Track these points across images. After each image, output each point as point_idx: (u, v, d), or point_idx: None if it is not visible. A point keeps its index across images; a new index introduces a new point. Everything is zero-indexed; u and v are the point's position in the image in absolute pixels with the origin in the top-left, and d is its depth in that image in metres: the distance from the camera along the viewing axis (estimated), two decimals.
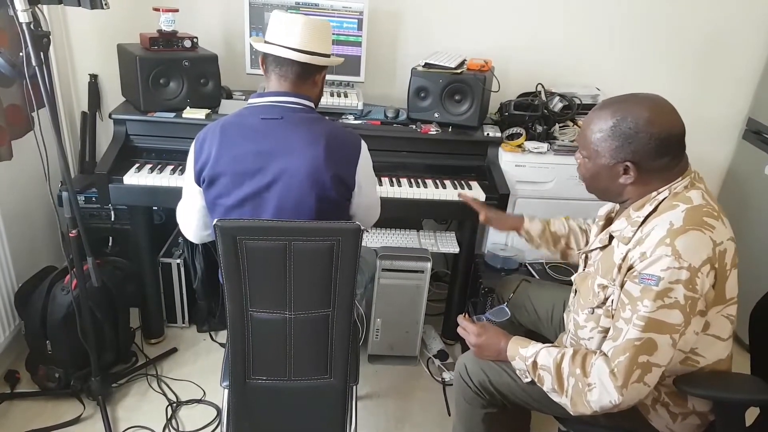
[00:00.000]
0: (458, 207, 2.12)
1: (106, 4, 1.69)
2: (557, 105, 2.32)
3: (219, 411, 2.03)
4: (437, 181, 2.17)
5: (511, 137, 2.26)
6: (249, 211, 1.41)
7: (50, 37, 1.60)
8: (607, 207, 1.52)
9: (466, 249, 2.31)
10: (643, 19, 2.52)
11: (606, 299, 1.31)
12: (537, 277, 2.11)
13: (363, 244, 1.32)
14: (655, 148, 1.23)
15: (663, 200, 1.27)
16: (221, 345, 2.39)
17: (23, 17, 1.49)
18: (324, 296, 1.35)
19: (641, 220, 1.27)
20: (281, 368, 1.44)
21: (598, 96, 2.44)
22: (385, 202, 1.68)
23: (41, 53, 1.55)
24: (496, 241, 2.32)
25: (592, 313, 1.35)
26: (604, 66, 2.59)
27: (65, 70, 2.43)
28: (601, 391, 1.21)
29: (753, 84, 2.65)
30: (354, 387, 1.60)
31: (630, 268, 1.24)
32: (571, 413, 1.28)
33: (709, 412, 1.35)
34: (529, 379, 1.37)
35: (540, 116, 2.28)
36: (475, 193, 2.12)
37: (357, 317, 1.69)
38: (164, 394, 2.10)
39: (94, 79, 2.44)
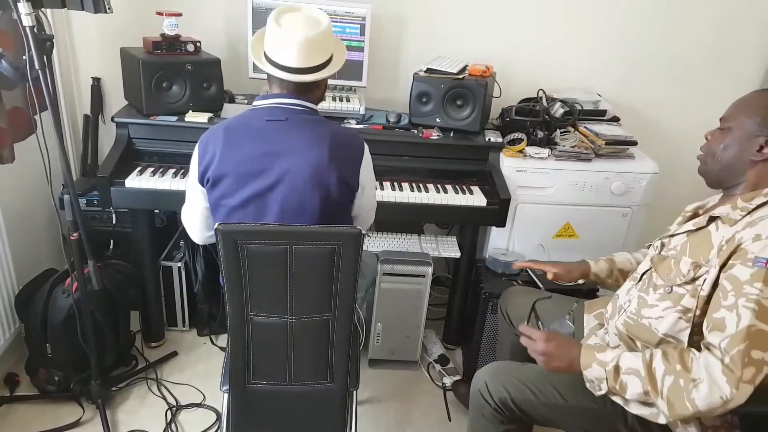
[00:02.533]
0: (459, 211, 2.12)
1: (109, 8, 1.69)
2: (558, 111, 2.32)
3: (219, 415, 2.03)
4: (439, 186, 2.17)
5: (513, 142, 2.26)
6: (252, 212, 1.41)
7: (53, 40, 1.60)
8: (695, 204, 1.48)
9: (468, 254, 2.31)
10: (645, 25, 2.53)
11: (696, 278, 1.26)
12: (538, 282, 2.09)
13: (364, 248, 1.32)
14: None
15: None
16: (221, 349, 2.39)
17: (27, 21, 1.49)
18: (325, 300, 1.35)
19: (752, 207, 1.24)
20: (281, 372, 1.43)
21: (599, 102, 2.45)
22: (387, 207, 1.69)
23: (44, 56, 1.55)
24: (498, 246, 2.32)
25: (670, 292, 1.30)
26: (605, 72, 2.59)
27: (68, 73, 2.44)
28: (711, 386, 1.12)
29: (755, 87, 2.65)
30: (354, 392, 1.60)
31: (736, 249, 1.19)
32: (664, 420, 1.21)
33: (735, 426, 1.31)
34: (603, 391, 1.28)
35: (541, 122, 2.28)
36: (477, 198, 2.12)
37: (357, 321, 1.68)
38: (164, 398, 2.10)
39: (96, 82, 2.45)
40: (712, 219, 1.31)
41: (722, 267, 1.21)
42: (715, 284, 1.22)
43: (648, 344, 1.34)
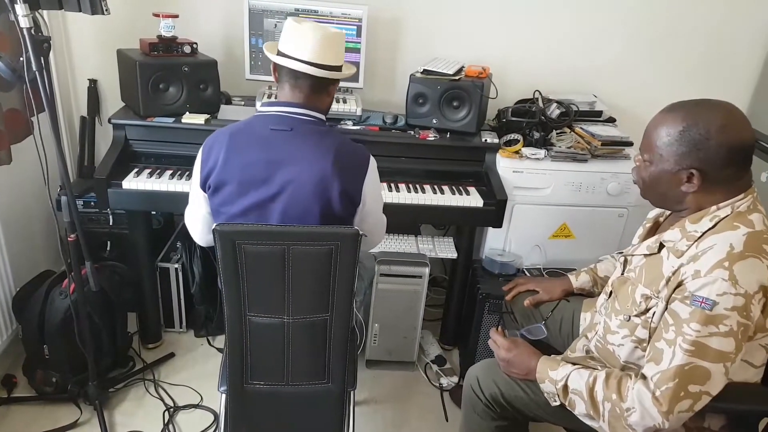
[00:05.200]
0: (456, 212, 2.13)
1: (106, 10, 1.70)
2: (554, 112, 2.33)
3: (216, 416, 2.03)
4: (435, 187, 2.18)
5: (509, 143, 2.27)
6: (253, 221, 1.40)
7: (50, 42, 1.60)
8: (657, 210, 1.47)
9: (464, 254, 2.31)
10: (640, 28, 2.54)
11: (647, 310, 1.28)
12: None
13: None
14: (724, 157, 1.18)
15: (724, 218, 1.22)
16: (219, 350, 2.39)
17: (24, 22, 1.50)
18: (322, 301, 1.36)
19: (698, 234, 1.22)
20: (279, 373, 1.44)
21: (595, 103, 2.46)
22: (384, 208, 1.69)
23: (41, 58, 1.55)
24: (494, 246, 2.33)
25: (628, 321, 1.32)
26: (601, 73, 2.60)
27: (65, 74, 2.44)
28: (642, 415, 1.17)
29: (749, 92, 2.67)
30: (352, 392, 1.60)
31: (680, 284, 1.20)
32: None
33: (721, 429, 1.32)
34: (558, 403, 1.33)
35: (537, 123, 2.29)
36: (473, 198, 2.13)
37: (355, 322, 1.69)
38: (161, 399, 2.10)
39: (93, 84, 2.45)
40: (662, 245, 1.31)
41: (668, 301, 1.23)
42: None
43: (614, 368, 1.36)
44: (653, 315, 1.27)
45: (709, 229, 1.22)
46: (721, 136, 1.18)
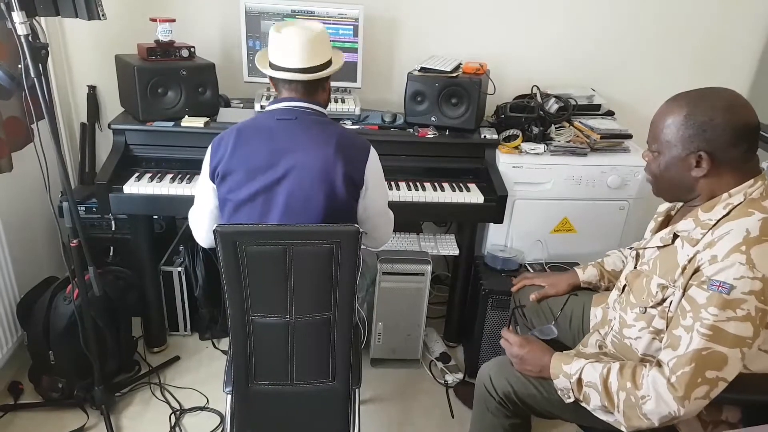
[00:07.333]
0: (457, 209, 2.13)
1: (103, 15, 1.70)
2: (553, 106, 2.33)
3: (222, 418, 2.04)
4: (435, 184, 2.18)
5: (508, 139, 2.27)
6: (259, 206, 1.44)
7: (48, 49, 1.61)
8: (667, 204, 1.47)
9: (466, 251, 2.32)
10: (637, 21, 2.54)
11: (664, 300, 1.28)
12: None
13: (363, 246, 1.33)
14: (730, 136, 1.20)
15: (737, 205, 1.22)
16: (223, 352, 2.40)
17: (21, 30, 1.50)
18: (325, 299, 1.36)
19: (713, 222, 1.22)
20: (283, 372, 1.44)
21: (593, 97, 2.46)
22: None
23: (40, 65, 1.56)
24: (496, 242, 2.33)
25: (644, 313, 1.32)
26: (598, 68, 2.60)
27: (64, 81, 2.45)
28: (657, 402, 1.17)
29: (747, 83, 2.67)
30: (356, 390, 1.60)
31: (696, 270, 1.19)
32: (624, 429, 1.24)
33: (739, 422, 1.31)
34: (571, 400, 1.32)
35: (536, 118, 2.29)
36: (474, 195, 2.13)
37: (359, 320, 1.69)
38: (167, 402, 2.11)
39: (92, 90, 2.46)
40: (676, 236, 1.31)
41: (685, 288, 1.23)
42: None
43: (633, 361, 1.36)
44: (670, 304, 1.26)
45: (723, 216, 1.22)
46: (726, 116, 1.20)
